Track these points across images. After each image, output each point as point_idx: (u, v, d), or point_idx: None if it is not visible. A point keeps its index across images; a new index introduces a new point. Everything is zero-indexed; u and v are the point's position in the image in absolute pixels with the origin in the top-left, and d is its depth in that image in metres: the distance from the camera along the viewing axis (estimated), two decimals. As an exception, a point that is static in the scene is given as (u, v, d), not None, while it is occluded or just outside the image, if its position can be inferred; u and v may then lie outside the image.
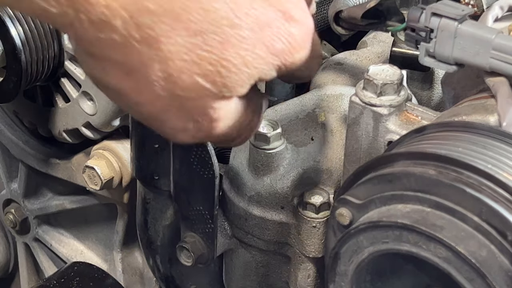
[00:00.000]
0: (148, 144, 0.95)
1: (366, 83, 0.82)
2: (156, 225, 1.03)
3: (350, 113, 0.83)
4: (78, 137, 1.20)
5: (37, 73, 1.11)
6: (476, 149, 0.69)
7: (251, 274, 1.00)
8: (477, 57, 0.73)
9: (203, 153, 0.90)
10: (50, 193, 1.38)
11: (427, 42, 0.75)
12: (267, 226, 0.94)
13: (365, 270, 0.71)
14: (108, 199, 1.26)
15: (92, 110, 1.13)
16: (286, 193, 0.92)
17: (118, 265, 1.31)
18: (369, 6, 0.91)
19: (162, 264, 1.06)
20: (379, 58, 1.07)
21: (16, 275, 1.51)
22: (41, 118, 1.21)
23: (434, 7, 0.75)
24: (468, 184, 0.65)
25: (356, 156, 0.84)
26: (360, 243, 0.70)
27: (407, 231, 0.66)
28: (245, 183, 0.93)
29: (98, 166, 1.16)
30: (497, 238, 0.63)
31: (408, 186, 0.68)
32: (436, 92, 1.07)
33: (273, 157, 0.91)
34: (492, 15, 0.78)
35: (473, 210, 0.64)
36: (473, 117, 0.74)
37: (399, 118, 0.81)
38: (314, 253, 0.93)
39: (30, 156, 1.30)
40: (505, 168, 0.66)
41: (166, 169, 0.95)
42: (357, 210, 0.72)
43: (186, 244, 0.96)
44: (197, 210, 0.95)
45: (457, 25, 0.73)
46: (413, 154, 0.70)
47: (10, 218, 1.40)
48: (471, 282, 0.63)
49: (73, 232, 1.39)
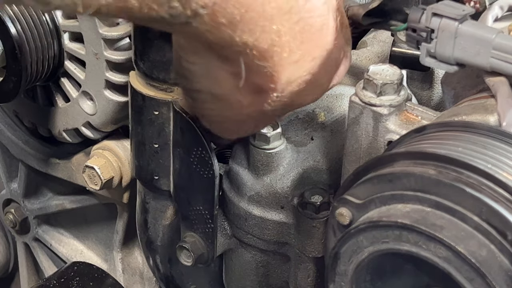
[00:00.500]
0: (148, 144, 0.95)
1: (366, 83, 0.82)
2: (156, 225, 1.03)
3: (350, 113, 0.83)
4: (78, 137, 1.20)
5: (37, 73, 1.11)
6: (476, 149, 0.69)
7: (251, 274, 1.00)
8: (478, 57, 0.73)
9: (203, 153, 0.90)
10: (50, 193, 1.38)
11: (428, 43, 0.75)
12: (267, 226, 0.94)
13: (365, 270, 0.71)
14: (108, 199, 1.25)
15: (92, 110, 1.13)
16: (286, 193, 0.92)
17: (118, 265, 1.31)
18: (371, 7, 0.91)
19: (162, 264, 1.06)
20: (379, 58, 1.07)
21: (16, 275, 1.51)
22: (41, 118, 1.21)
23: (434, 8, 0.75)
24: (468, 184, 0.65)
25: (356, 156, 0.84)
26: (360, 243, 0.70)
27: (407, 231, 0.66)
28: (245, 183, 0.93)
29: (98, 166, 1.16)
30: (497, 237, 0.63)
31: (408, 186, 0.68)
32: (436, 92, 1.07)
33: (273, 157, 0.91)
34: (492, 15, 0.78)
35: (473, 210, 0.64)
36: (473, 117, 0.74)
37: (399, 118, 0.81)
38: (314, 253, 0.93)
39: (30, 156, 1.30)
40: (505, 168, 0.66)
41: (166, 169, 0.95)
42: (357, 210, 0.72)
43: (186, 244, 0.96)
44: (197, 210, 0.95)
45: (458, 25, 0.73)
46: (413, 154, 0.70)
47: (10, 218, 1.40)
48: (471, 281, 0.63)
49: (73, 232, 1.39)
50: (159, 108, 0.91)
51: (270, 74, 0.72)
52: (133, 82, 0.93)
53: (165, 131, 0.92)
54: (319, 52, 0.73)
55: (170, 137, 0.92)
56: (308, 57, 0.73)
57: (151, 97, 0.91)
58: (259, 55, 0.69)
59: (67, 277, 1.19)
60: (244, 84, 0.73)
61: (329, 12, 0.73)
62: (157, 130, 0.93)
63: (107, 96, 1.10)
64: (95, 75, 1.09)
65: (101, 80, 1.09)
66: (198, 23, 0.64)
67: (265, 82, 0.73)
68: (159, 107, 0.91)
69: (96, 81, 1.10)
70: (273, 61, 0.70)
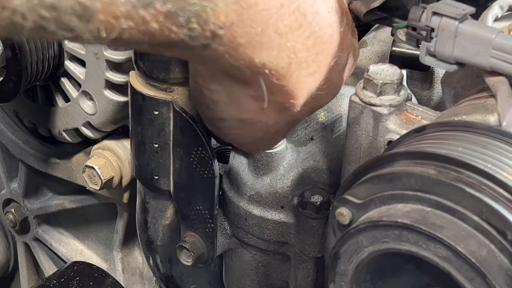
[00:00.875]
0: (148, 144, 0.95)
1: (366, 82, 0.82)
2: (156, 224, 1.03)
3: (350, 112, 0.83)
4: (78, 137, 1.20)
5: (37, 73, 1.10)
6: (476, 149, 0.69)
7: (251, 273, 1.00)
8: (478, 57, 0.73)
9: (203, 153, 0.90)
10: (50, 192, 1.38)
11: (427, 41, 0.75)
12: (267, 225, 0.94)
13: (365, 269, 0.71)
14: (108, 199, 1.25)
15: (92, 109, 1.13)
16: (286, 192, 0.92)
17: (118, 264, 1.30)
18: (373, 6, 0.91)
19: (162, 264, 1.06)
20: (379, 58, 1.07)
21: (16, 275, 1.51)
22: (41, 117, 1.21)
23: (435, 7, 0.75)
24: (468, 183, 0.65)
25: (356, 156, 0.84)
26: (360, 242, 0.69)
27: (407, 231, 0.65)
28: (245, 182, 0.93)
29: (98, 166, 1.15)
30: (497, 237, 0.63)
31: (408, 185, 0.68)
32: (436, 92, 1.07)
33: (273, 156, 0.91)
34: (492, 15, 0.78)
35: (473, 209, 0.64)
36: (473, 116, 0.74)
37: (399, 118, 0.81)
38: (314, 253, 0.93)
39: (30, 156, 1.30)
40: (505, 168, 0.66)
41: (166, 169, 0.95)
42: (357, 210, 0.72)
43: (186, 244, 0.96)
44: (197, 209, 0.95)
45: (458, 24, 0.73)
46: (413, 153, 0.70)
47: (10, 217, 1.40)
48: (471, 281, 0.63)
49: (73, 232, 1.39)
50: (159, 108, 0.91)
51: (291, 91, 0.74)
52: (133, 82, 0.93)
53: (165, 131, 0.92)
54: (332, 58, 0.75)
55: (170, 137, 0.92)
56: (324, 66, 0.75)
57: (151, 97, 0.91)
58: (278, 75, 0.71)
59: (67, 277, 1.19)
60: (268, 105, 0.74)
61: (335, 18, 0.74)
62: (157, 130, 0.93)
63: (107, 96, 1.10)
64: (95, 75, 1.09)
65: (101, 80, 1.09)
66: (217, 45, 0.65)
67: (287, 100, 0.75)
68: (159, 107, 0.91)
69: (96, 81, 1.10)
70: (293, 79, 0.72)
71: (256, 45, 0.67)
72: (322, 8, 0.72)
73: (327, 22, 0.73)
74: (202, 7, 0.62)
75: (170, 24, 0.62)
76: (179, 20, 0.61)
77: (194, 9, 0.62)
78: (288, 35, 0.69)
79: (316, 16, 0.71)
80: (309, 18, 0.71)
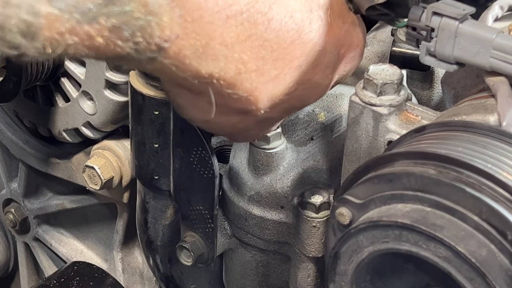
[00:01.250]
0: (148, 144, 0.95)
1: (366, 82, 0.82)
2: (156, 224, 1.03)
3: (350, 112, 0.83)
4: (78, 137, 1.20)
5: (37, 73, 1.11)
6: (476, 149, 0.69)
7: (251, 273, 1.00)
8: (478, 57, 0.73)
9: (203, 153, 0.90)
10: (50, 192, 1.38)
11: (427, 41, 0.75)
12: (267, 225, 0.94)
13: (365, 269, 0.71)
14: (108, 199, 1.25)
15: (92, 109, 1.13)
16: (286, 192, 0.92)
17: (118, 264, 1.30)
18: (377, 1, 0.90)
19: (162, 264, 1.06)
20: (379, 58, 1.07)
21: (16, 275, 1.51)
22: (41, 117, 1.21)
23: (435, 6, 0.74)
24: (468, 183, 0.65)
25: (356, 156, 0.84)
26: (360, 242, 0.69)
27: (407, 231, 0.65)
28: (245, 182, 0.93)
29: (98, 166, 1.16)
30: (497, 237, 0.63)
31: (408, 185, 0.68)
32: (436, 92, 1.07)
33: (273, 156, 0.91)
34: (492, 15, 0.78)
35: (473, 209, 0.64)
36: (473, 116, 0.74)
37: (399, 118, 0.81)
38: (314, 253, 0.93)
39: (30, 156, 1.30)
40: (505, 168, 0.66)
41: (166, 169, 0.95)
42: (357, 210, 0.72)
43: (186, 244, 0.96)
44: (197, 209, 0.95)
45: (458, 24, 0.73)
46: (413, 153, 0.70)
47: (10, 217, 1.40)
48: (471, 281, 0.63)
49: (73, 232, 1.39)
50: (159, 108, 0.91)
51: (247, 98, 0.73)
52: (133, 82, 0.93)
53: (165, 131, 0.92)
54: (302, 60, 0.74)
55: (170, 137, 0.92)
56: (288, 69, 0.73)
57: (151, 97, 0.91)
58: (228, 84, 0.70)
59: (67, 277, 1.19)
60: (227, 109, 0.74)
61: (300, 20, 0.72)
62: (157, 130, 0.93)
63: (107, 96, 1.10)
64: (95, 75, 1.09)
65: (101, 80, 1.09)
66: (163, 58, 0.66)
67: (244, 106, 0.74)
68: (159, 107, 0.91)
69: (96, 81, 1.10)
70: (245, 87, 0.72)
71: (201, 57, 0.67)
72: (280, 15, 0.71)
73: (287, 28, 0.71)
74: (147, 21, 0.62)
75: (115, 38, 0.62)
76: (124, 34, 0.62)
77: (139, 24, 0.62)
78: (235, 46, 0.69)
79: (270, 23, 0.70)
80: (260, 28, 0.70)
